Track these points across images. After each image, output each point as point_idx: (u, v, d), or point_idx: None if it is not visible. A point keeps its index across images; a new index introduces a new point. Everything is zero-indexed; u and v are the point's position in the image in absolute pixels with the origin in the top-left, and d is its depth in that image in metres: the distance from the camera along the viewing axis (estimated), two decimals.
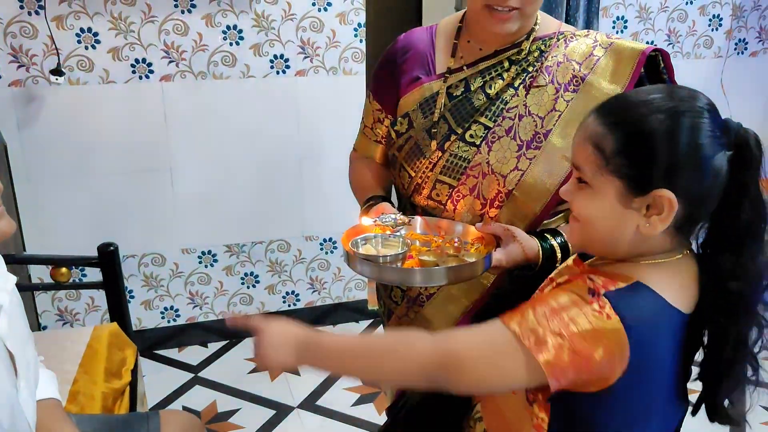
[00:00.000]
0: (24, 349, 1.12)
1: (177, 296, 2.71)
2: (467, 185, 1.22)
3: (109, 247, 1.82)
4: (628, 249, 0.90)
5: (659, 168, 0.84)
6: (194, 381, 2.55)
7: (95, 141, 2.41)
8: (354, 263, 1.10)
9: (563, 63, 1.22)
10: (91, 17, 2.29)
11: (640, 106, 0.86)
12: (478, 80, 1.24)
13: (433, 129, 1.24)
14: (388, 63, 1.34)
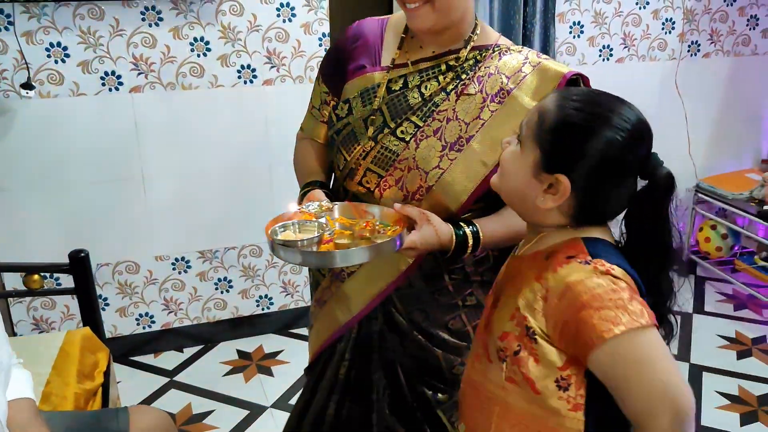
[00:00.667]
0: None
1: (152, 303, 2.77)
2: (394, 176, 1.30)
3: (80, 253, 1.88)
4: (525, 211, 1.04)
5: (569, 157, 0.95)
6: (170, 385, 2.60)
7: (67, 152, 2.47)
8: (274, 249, 1.16)
9: (494, 75, 1.30)
10: (60, 32, 2.35)
11: (588, 103, 0.97)
12: (416, 79, 1.31)
13: (370, 117, 1.32)
14: (337, 49, 1.40)
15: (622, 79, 3.16)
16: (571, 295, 0.92)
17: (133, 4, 2.39)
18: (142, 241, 2.66)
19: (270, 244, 1.17)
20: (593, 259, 0.93)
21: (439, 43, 1.31)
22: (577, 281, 0.92)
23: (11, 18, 2.28)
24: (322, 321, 1.45)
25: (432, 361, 1.37)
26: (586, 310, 0.90)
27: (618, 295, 0.90)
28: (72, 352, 1.77)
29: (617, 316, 0.88)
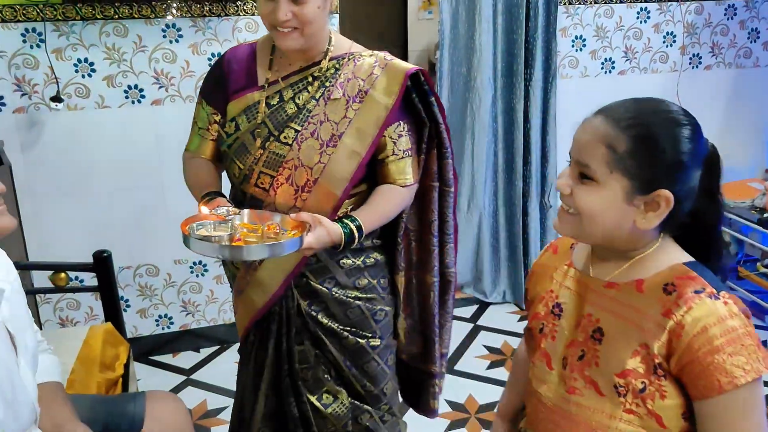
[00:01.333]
0: (24, 331, 1.31)
1: (170, 305, 2.91)
2: (284, 175, 1.52)
3: (103, 253, 2.02)
4: (625, 241, 1.02)
5: (662, 170, 0.96)
6: (187, 383, 2.73)
7: (92, 161, 2.63)
8: (190, 243, 1.31)
9: (352, 80, 1.52)
10: (87, 48, 2.52)
11: (641, 113, 0.98)
12: (289, 92, 1.53)
13: (256, 130, 1.53)
14: (217, 73, 1.60)
15: (624, 91, 3.22)
16: (707, 337, 0.92)
17: (155, 22, 2.55)
18: (161, 246, 2.81)
19: (185, 239, 1.31)
20: (719, 292, 0.94)
21: (303, 59, 1.53)
22: (715, 323, 0.92)
23: (42, 36, 2.45)
24: (241, 307, 1.66)
25: (356, 313, 1.62)
26: (719, 355, 0.91)
27: (750, 341, 0.91)
28: (95, 345, 1.91)
29: (749, 362, 0.91)
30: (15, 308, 1.29)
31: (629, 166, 0.95)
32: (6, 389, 1.18)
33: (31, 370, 1.32)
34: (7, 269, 1.31)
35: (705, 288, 0.94)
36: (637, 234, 1.00)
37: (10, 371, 1.21)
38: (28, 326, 1.34)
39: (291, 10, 1.41)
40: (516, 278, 3.29)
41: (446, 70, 3.03)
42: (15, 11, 2.41)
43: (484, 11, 2.91)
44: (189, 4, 2.56)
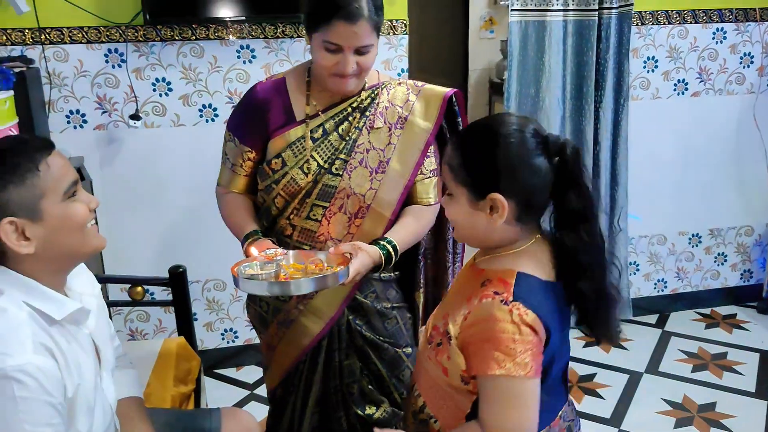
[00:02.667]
0: (107, 345, 1.36)
1: (236, 319, 2.95)
2: (336, 205, 1.59)
3: (179, 269, 2.06)
4: (488, 240, 1.18)
5: (487, 178, 1.11)
6: (250, 397, 2.76)
7: (166, 177, 2.70)
8: (240, 284, 1.38)
9: (390, 107, 1.60)
10: (165, 68, 2.60)
11: (474, 131, 1.18)
12: (331, 123, 1.59)
13: (305, 165, 1.58)
14: (252, 113, 1.63)
15: (698, 113, 3.17)
16: (484, 326, 1.09)
17: (230, 43, 2.62)
18: (229, 262, 2.84)
19: (235, 280, 1.39)
20: (513, 302, 1.08)
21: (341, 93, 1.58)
22: (492, 319, 1.08)
23: (124, 56, 2.55)
24: (291, 337, 1.70)
25: (392, 324, 1.72)
26: (488, 343, 1.08)
27: (513, 345, 1.06)
28: (169, 359, 1.95)
29: (505, 361, 1.06)
30: (100, 322, 1.33)
31: (464, 178, 1.13)
32: (90, 399, 1.21)
33: (112, 382, 1.36)
34: (92, 284, 1.35)
35: (504, 293, 1.09)
36: (498, 232, 1.14)
37: (94, 383, 1.24)
38: (109, 340, 1.38)
39: (356, 61, 1.49)
40: None
41: (514, 91, 3.00)
42: (99, 33, 2.51)
43: (554, 32, 2.88)
44: (263, 26, 2.62)
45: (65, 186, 1.17)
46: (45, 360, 1.09)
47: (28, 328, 1.10)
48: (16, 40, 2.46)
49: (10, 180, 1.11)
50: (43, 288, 1.17)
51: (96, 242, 1.25)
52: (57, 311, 1.17)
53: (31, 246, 1.13)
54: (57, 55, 2.50)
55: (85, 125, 2.59)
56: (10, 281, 1.14)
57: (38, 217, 1.14)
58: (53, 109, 2.55)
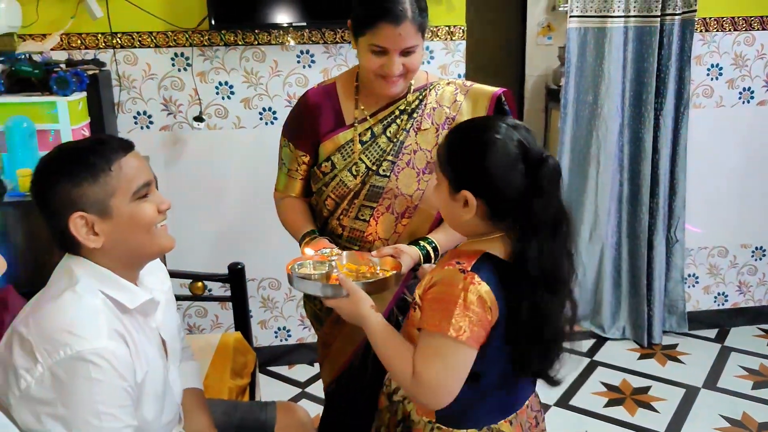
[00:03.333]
0: (174, 338, 1.41)
1: (289, 318, 3.01)
2: (383, 205, 1.62)
3: (238, 266, 2.13)
4: (462, 228, 1.25)
5: (464, 176, 1.18)
6: (302, 395, 2.81)
7: (226, 178, 2.79)
8: (293, 282, 1.40)
9: (437, 108, 1.62)
10: (228, 72, 2.69)
11: (464, 130, 1.24)
12: (379, 127, 1.62)
13: (353, 167, 1.62)
14: (304, 117, 1.68)
15: (764, 121, 3.07)
16: (438, 289, 1.16)
17: (291, 48, 2.69)
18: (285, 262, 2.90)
19: (289, 278, 1.41)
20: (469, 272, 1.13)
21: (389, 96, 1.61)
22: (445, 282, 1.15)
23: (189, 60, 2.64)
24: (344, 336, 1.72)
25: None
26: (435, 303, 1.15)
27: (454, 309, 1.12)
28: (226, 352, 2.01)
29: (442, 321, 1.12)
30: (168, 316, 1.39)
31: (447, 171, 1.21)
32: (158, 389, 1.27)
33: (178, 374, 1.41)
34: (163, 279, 1.41)
35: (462, 264, 1.15)
36: (469, 224, 1.20)
37: (162, 374, 1.30)
38: (177, 333, 1.44)
39: (402, 63, 1.51)
40: (638, 315, 3.15)
41: (571, 97, 2.98)
42: (167, 37, 2.61)
43: (615, 38, 2.85)
44: (323, 31, 2.67)
45: (136, 186, 1.21)
46: (118, 345, 1.15)
47: (102, 314, 1.16)
48: (90, 44, 2.58)
49: (84, 177, 1.17)
50: (117, 278, 1.23)
51: (163, 243, 1.30)
52: (130, 300, 1.23)
53: (99, 241, 1.19)
54: (127, 59, 2.61)
55: (151, 126, 2.70)
56: (86, 270, 1.21)
57: (107, 214, 1.19)
58: (122, 110, 2.66)
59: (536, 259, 1.14)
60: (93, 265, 1.21)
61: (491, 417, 1.24)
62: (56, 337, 1.10)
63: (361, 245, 1.65)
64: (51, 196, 1.18)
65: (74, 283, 1.18)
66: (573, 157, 3.06)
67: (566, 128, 3.02)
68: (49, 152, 1.26)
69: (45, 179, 1.20)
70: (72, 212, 1.17)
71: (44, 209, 1.21)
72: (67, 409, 1.09)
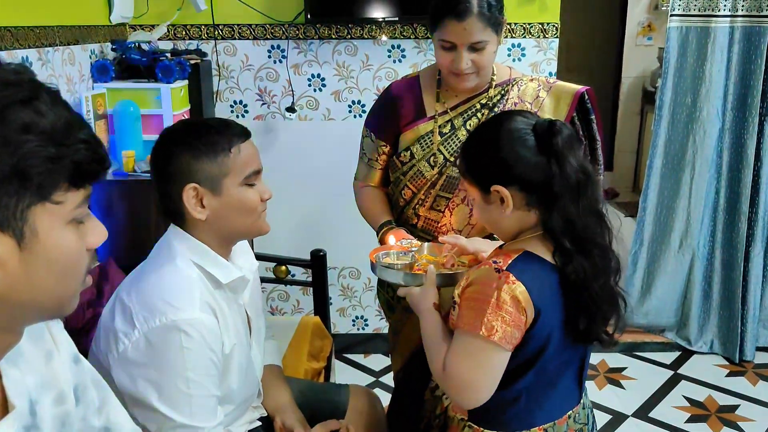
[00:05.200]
0: (258, 316, 1.48)
1: (367, 307, 3.07)
2: (459, 196, 1.65)
3: (320, 252, 2.19)
4: (507, 229, 1.21)
5: (486, 173, 1.16)
6: (375, 384, 2.86)
7: (314, 167, 2.87)
8: (377, 270, 1.42)
9: (519, 104, 1.63)
10: (320, 65, 2.76)
11: (469, 138, 1.24)
12: (459, 120, 1.65)
13: (431, 158, 1.64)
14: (387, 109, 1.72)
15: None
16: (473, 288, 1.14)
17: (382, 42, 2.73)
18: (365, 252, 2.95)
19: (372, 266, 1.44)
20: (504, 271, 1.10)
21: (470, 90, 1.63)
22: (480, 281, 1.13)
23: (285, 53, 2.74)
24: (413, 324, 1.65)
25: None
26: (469, 301, 1.13)
27: (487, 308, 1.09)
28: (304, 334, 2.08)
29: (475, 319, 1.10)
30: (254, 295, 1.46)
31: (470, 179, 1.21)
32: (242, 363, 1.34)
33: (260, 351, 1.48)
34: (251, 262, 1.48)
35: (499, 263, 1.12)
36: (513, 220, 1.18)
37: (246, 349, 1.37)
38: (261, 312, 1.51)
39: (471, 59, 1.53)
40: (729, 329, 3.00)
41: (668, 99, 2.87)
42: (265, 30, 2.72)
43: (719, 39, 2.73)
44: (414, 26, 2.70)
45: (248, 172, 1.28)
46: (209, 317, 1.22)
47: (197, 287, 1.24)
48: (193, 35, 2.72)
49: (205, 153, 1.25)
50: (214, 254, 1.30)
51: (261, 227, 1.38)
52: (223, 276, 1.30)
53: (204, 214, 1.27)
54: (227, 50, 2.73)
55: (246, 115, 2.81)
56: (186, 243, 1.28)
57: (218, 191, 1.26)
58: (220, 98, 2.79)
59: (563, 226, 1.11)
60: (192, 239, 1.29)
61: (525, 422, 1.20)
62: (154, 305, 1.18)
63: (434, 235, 1.67)
64: (171, 164, 1.26)
65: (174, 257, 1.26)
66: (666, 162, 2.95)
67: (660, 131, 2.91)
68: (174, 124, 1.36)
69: (168, 148, 1.28)
70: (187, 182, 1.25)
71: (161, 176, 1.29)
72: (158, 373, 1.17)
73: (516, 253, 1.15)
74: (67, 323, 1.84)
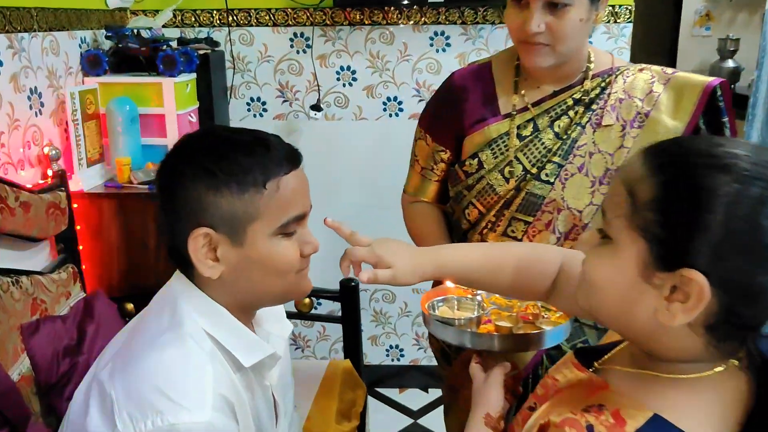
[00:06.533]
0: (285, 396, 1.11)
1: (403, 336, 2.68)
2: (542, 221, 1.28)
3: (351, 282, 1.80)
4: (640, 335, 0.70)
5: (699, 240, 0.62)
6: (414, 428, 2.46)
7: (343, 175, 2.48)
8: (430, 326, 1.11)
9: (625, 100, 1.27)
10: (351, 55, 2.37)
11: (703, 154, 0.64)
12: (545, 119, 1.29)
13: (506, 168, 1.29)
14: (448, 104, 1.36)
15: None
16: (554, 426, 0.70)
17: (424, 29, 2.33)
18: None
19: (425, 318, 1.13)
20: None
21: (557, 80, 1.29)
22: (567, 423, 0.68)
23: (309, 41, 2.35)
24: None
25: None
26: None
27: None
28: (333, 388, 1.70)
29: None
30: (283, 369, 1.08)
31: (650, 224, 0.65)
32: None
33: None
34: (282, 324, 1.09)
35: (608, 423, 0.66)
36: (658, 333, 0.67)
37: None
38: (289, 388, 1.13)
39: (545, 22, 1.20)
40: None
41: (763, 95, 2.43)
42: (286, 15, 2.33)
43: None
44: (462, 10, 2.30)
45: (286, 218, 0.90)
46: (224, 420, 0.84)
47: (210, 374, 0.85)
48: (204, 20, 2.34)
49: (226, 184, 0.86)
50: (234, 321, 0.91)
51: (297, 291, 0.97)
52: (246, 355, 0.91)
53: (217, 270, 0.88)
54: (243, 38, 2.36)
55: (264, 114, 2.44)
56: (197, 304, 0.90)
57: (239, 241, 0.88)
58: (235, 95, 2.42)
59: None
60: (205, 298, 0.91)
61: None
62: (146, 399, 0.81)
63: None
64: (177, 194, 0.88)
65: (179, 324, 0.88)
66: None
67: (753, 132, 2.48)
68: (193, 133, 0.96)
69: (175, 168, 0.89)
70: (196, 224, 0.87)
71: (166, 206, 0.91)
72: None
73: (636, 417, 0.66)
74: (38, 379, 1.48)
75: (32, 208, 1.53)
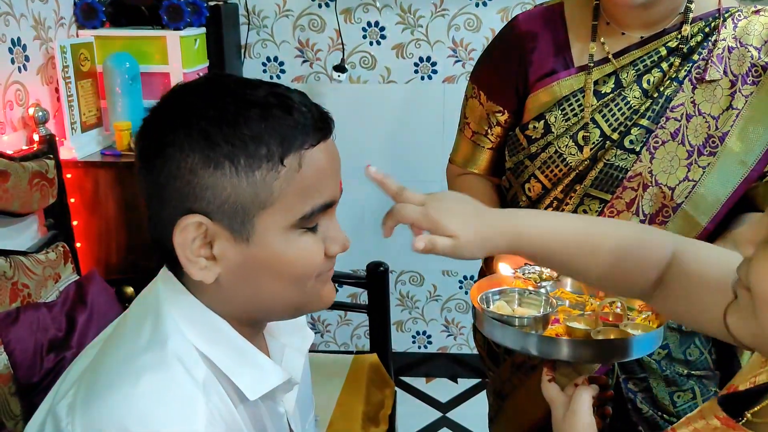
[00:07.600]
0: (304, 424, 0.90)
1: (431, 321, 2.47)
2: (623, 199, 1.09)
3: (380, 267, 1.59)
4: None
5: None
6: (442, 422, 2.26)
7: (368, 142, 2.26)
8: (484, 325, 0.91)
9: (737, 49, 1.06)
10: (379, 10, 2.13)
11: None
12: (630, 73, 1.08)
13: (580, 133, 1.09)
14: (509, 52, 1.14)
15: None
16: None
17: None
18: None
19: (475, 315, 0.93)
20: None
21: (646, 24, 1.07)
22: None
23: None
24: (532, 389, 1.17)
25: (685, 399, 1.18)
26: None
27: None
28: (359, 388, 1.49)
29: None
30: (303, 390, 0.86)
31: None
32: None
33: None
34: (303, 334, 0.85)
35: None
36: None
37: None
38: (310, 410, 0.91)
39: None
40: None
41: None
42: None
43: None
44: None
45: (308, 208, 0.66)
46: None
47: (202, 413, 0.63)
48: None
49: (230, 158, 0.62)
50: (236, 337, 0.69)
51: (316, 302, 0.73)
52: (253, 384, 0.69)
53: (212, 272, 0.65)
54: None
55: (282, 75, 2.22)
56: (187, 314, 0.67)
57: (242, 235, 0.65)
58: (249, 54, 2.19)
59: None
60: (199, 306, 0.68)
61: None
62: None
63: None
64: (161, 167, 0.64)
65: (162, 340, 0.65)
66: None
67: None
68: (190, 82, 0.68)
69: (164, 133, 0.64)
70: (186, 209, 0.63)
71: (146, 181, 0.66)
72: None
73: None
74: (17, 377, 1.28)
75: (11, 178, 1.31)
